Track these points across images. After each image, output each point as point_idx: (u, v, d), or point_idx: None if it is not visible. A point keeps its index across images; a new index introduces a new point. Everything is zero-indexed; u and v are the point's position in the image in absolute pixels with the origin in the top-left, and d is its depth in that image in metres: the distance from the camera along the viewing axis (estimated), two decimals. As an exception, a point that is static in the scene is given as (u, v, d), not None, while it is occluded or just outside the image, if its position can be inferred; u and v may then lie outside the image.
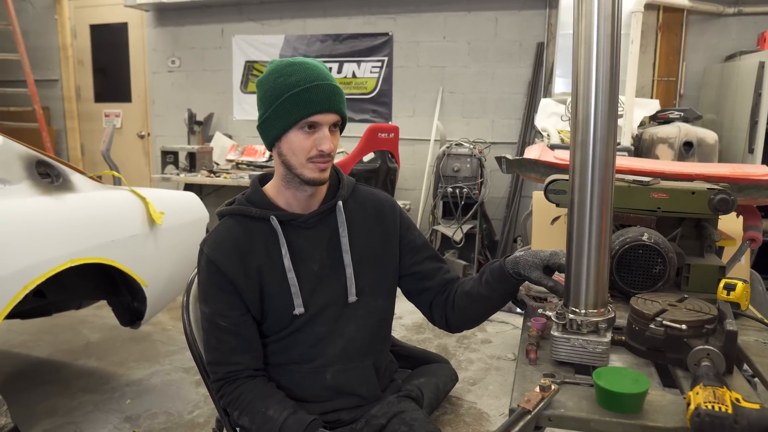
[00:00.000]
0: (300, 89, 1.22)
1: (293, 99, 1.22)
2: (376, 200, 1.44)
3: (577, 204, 1.21)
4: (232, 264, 1.29)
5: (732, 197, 1.61)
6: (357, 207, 1.40)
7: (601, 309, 1.23)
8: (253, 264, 1.30)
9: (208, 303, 1.32)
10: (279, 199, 1.34)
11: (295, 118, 1.23)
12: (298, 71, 1.24)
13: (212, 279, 1.30)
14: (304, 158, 1.25)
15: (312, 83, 1.23)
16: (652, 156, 3.79)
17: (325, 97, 1.23)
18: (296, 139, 1.24)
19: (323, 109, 1.23)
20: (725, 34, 4.56)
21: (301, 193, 1.32)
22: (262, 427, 1.26)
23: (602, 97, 1.16)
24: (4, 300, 1.85)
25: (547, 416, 1.05)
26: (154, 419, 2.58)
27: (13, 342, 3.39)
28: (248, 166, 5.27)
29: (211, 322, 1.32)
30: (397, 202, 1.52)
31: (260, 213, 1.31)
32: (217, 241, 1.32)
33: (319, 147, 1.24)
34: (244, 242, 1.31)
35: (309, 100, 1.22)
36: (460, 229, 4.39)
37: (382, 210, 1.43)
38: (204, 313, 1.33)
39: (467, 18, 5.09)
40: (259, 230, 1.32)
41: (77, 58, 6.40)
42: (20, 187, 2.09)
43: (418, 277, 1.45)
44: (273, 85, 1.25)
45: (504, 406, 2.72)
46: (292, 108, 1.22)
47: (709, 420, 0.91)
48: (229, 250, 1.30)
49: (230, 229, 1.33)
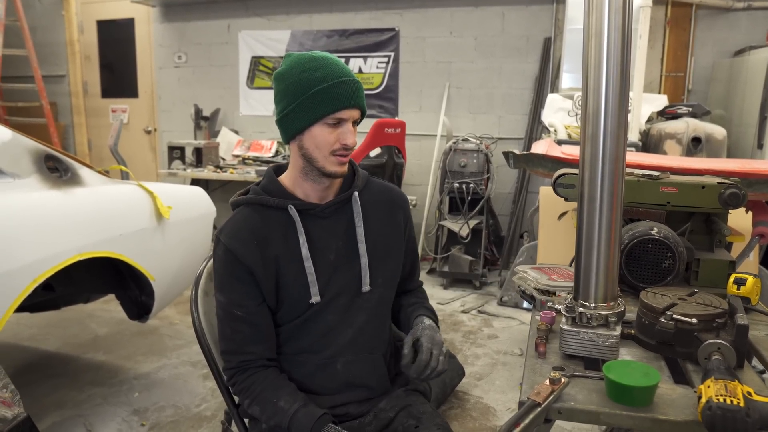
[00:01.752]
0: (328, 85, 1.23)
1: (321, 94, 1.23)
2: (388, 193, 1.46)
3: (587, 198, 1.21)
4: (250, 253, 1.29)
5: (742, 191, 1.60)
6: (371, 199, 1.41)
7: (611, 302, 1.23)
8: (270, 252, 1.30)
9: (224, 292, 1.32)
10: (296, 190, 1.35)
11: (323, 112, 1.23)
12: (323, 66, 1.25)
13: (229, 268, 1.30)
14: (328, 152, 1.26)
15: (339, 79, 1.24)
16: (660, 152, 3.77)
17: (351, 92, 1.25)
18: (321, 133, 1.25)
19: (350, 104, 1.25)
20: (734, 29, 4.53)
21: (318, 185, 1.33)
22: (273, 417, 1.27)
23: (613, 90, 1.15)
24: (14, 293, 1.86)
25: (557, 409, 1.05)
26: (162, 412, 2.59)
27: (22, 335, 3.41)
28: (254, 161, 5.28)
29: (226, 312, 1.32)
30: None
31: (278, 202, 1.32)
32: (234, 230, 1.31)
33: (343, 141, 1.26)
34: (262, 231, 1.31)
35: (337, 96, 1.23)
36: (467, 225, 4.39)
37: (393, 202, 1.45)
38: (220, 302, 1.33)
39: (474, 13, 5.08)
40: (276, 219, 1.32)
41: (84, 54, 6.42)
42: (29, 181, 2.10)
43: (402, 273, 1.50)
44: (298, 80, 1.24)
45: (510, 401, 2.72)
46: (320, 103, 1.23)
47: (721, 413, 0.91)
48: (247, 239, 1.30)
49: (247, 218, 1.33)
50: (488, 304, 4.13)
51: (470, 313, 3.95)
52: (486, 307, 4.07)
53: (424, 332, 1.31)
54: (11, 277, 1.85)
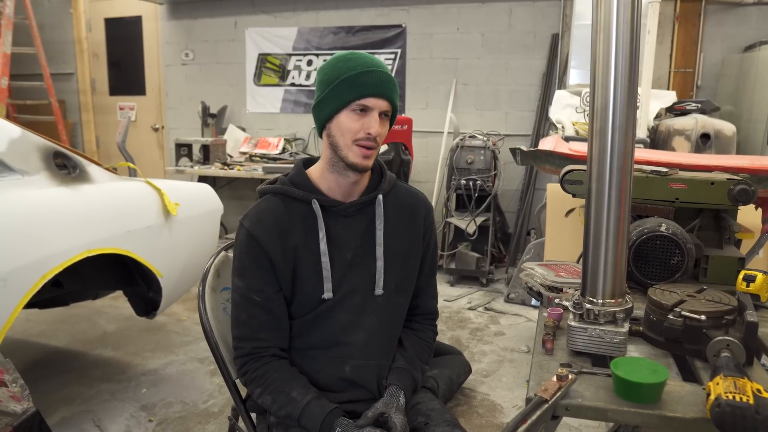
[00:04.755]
0: (355, 73, 1.25)
1: (348, 81, 1.25)
2: (413, 199, 1.46)
3: (595, 193, 1.20)
4: (271, 240, 1.31)
5: (752, 188, 1.59)
6: (395, 203, 1.42)
7: (619, 299, 1.23)
8: (290, 243, 1.32)
9: (244, 277, 1.33)
10: (321, 184, 1.36)
11: (348, 98, 1.26)
12: (356, 58, 1.28)
13: (251, 253, 1.32)
14: (351, 140, 1.27)
15: (367, 68, 1.26)
16: (668, 148, 3.75)
17: (378, 81, 1.26)
18: (346, 119, 1.27)
19: (375, 93, 1.26)
20: (744, 24, 4.48)
21: (344, 179, 1.34)
22: (284, 407, 1.28)
23: (621, 84, 1.15)
24: (23, 289, 1.87)
25: (564, 405, 1.05)
26: (170, 408, 2.60)
27: (31, 331, 3.44)
28: (261, 158, 5.28)
29: (244, 297, 1.33)
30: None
31: (303, 195, 1.34)
32: (258, 217, 1.33)
33: (367, 130, 1.26)
34: (285, 221, 1.33)
35: (362, 83, 1.25)
36: (474, 222, 4.38)
37: (416, 209, 1.45)
38: (238, 287, 1.34)
39: (481, 9, 5.06)
40: (299, 211, 1.34)
41: (92, 52, 6.45)
42: (38, 178, 2.11)
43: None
44: (331, 70, 1.28)
45: (517, 398, 2.71)
46: (347, 89, 1.25)
47: (730, 410, 0.90)
48: (271, 227, 1.31)
49: (272, 207, 1.34)
50: (495, 301, 4.12)
51: (477, 310, 3.94)
52: (493, 304, 4.06)
53: (395, 415, 1.29)
54: (20, 273, 1.86)
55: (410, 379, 1.40)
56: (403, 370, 1.40)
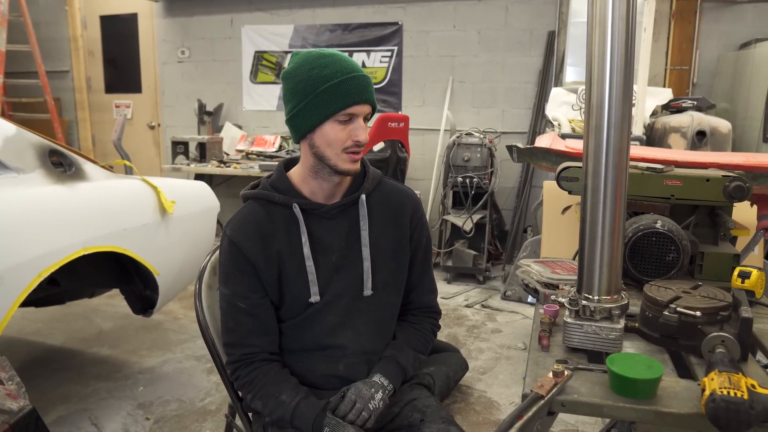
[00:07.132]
0: (338, 81, 1.21)
1: (331, 90, 1.21)
2: (399, 196, 1.43)
3: (591, 190, 1.20)
4: (253, 246, 1.30)
5: (747, 184, 1.60)
6: (380, 201, 1.40)
7: (615, 295, 1.23)
8: (273, 248, 1.31)
9: (229, 284, 1.33)
10: (303, 187, 1.34)
11: (334, 109, 1.22)
12: (332, 63, 1.23)
13: (234, 261, 1.32)
14: (340, 149, 1.25)
15: (349, 75, 1.22)
16: (664, 145, 3.76)
17: (362, 88, 1.23)
18: (332, 130, 1.24)
19: (361, 100, 1.23)
20: (740, 22, 4.49)
21: (327, 183, 1.32)
22: (275, 410, 1.28)
23: (617, 81, 1.15)
24: (18, 288, 1.87)
25: (560, 401, 1.05)
26: (167, 406, 2.60)
27: (27, 330, 3.43)
28: (258, 156, 5.28)
29: (230, 304, 1.33)
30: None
31: (283, 200, 1.32)
32: (240, 224, 1.33)
33: (355, 138, 1.24)
34: (267, 226, 1.32)
35: (347, 92, 1.22)
36: (470, 219, 4.38)
37: (403, 206, 1.42)
38: (224, 294, 1.34)
39: (477, 7, 5.06)
40: (281, 216, 1.33)
41: (88, 49, 6.42)
42: (34, 176, 2.10)
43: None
44: (307, 77, 1.23)
45: (514, 395, 2.72)
46: (331, 99, 1.21)
47: (725, 405, 0.91)
48: (251, 233, 1.31)
49: (253, 213, 1.33)
50: (492, 298, 4.13)
51: (474, 308, 3.95)
52: (489, 301, 4.07)
53: (356, 385, 1.31)
54: (16, 271, 1.85)
55: (394, 365, 1.37)
56: (387, 358, 1.39)
